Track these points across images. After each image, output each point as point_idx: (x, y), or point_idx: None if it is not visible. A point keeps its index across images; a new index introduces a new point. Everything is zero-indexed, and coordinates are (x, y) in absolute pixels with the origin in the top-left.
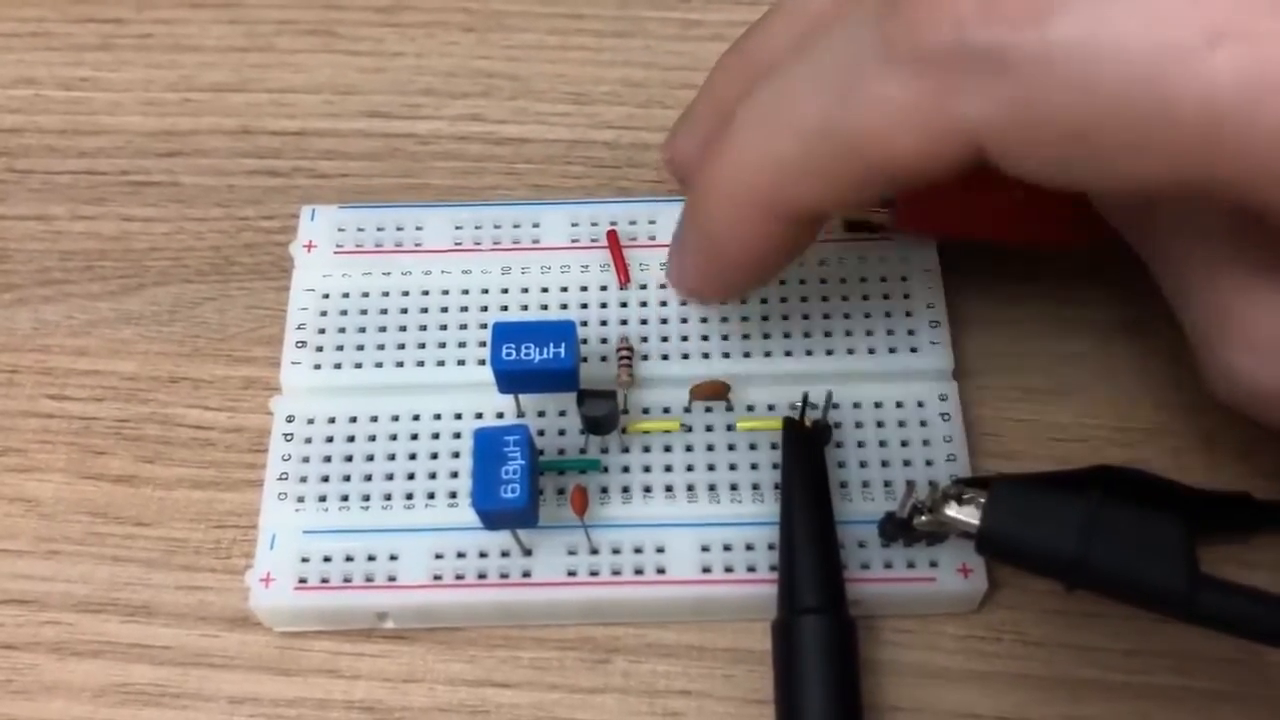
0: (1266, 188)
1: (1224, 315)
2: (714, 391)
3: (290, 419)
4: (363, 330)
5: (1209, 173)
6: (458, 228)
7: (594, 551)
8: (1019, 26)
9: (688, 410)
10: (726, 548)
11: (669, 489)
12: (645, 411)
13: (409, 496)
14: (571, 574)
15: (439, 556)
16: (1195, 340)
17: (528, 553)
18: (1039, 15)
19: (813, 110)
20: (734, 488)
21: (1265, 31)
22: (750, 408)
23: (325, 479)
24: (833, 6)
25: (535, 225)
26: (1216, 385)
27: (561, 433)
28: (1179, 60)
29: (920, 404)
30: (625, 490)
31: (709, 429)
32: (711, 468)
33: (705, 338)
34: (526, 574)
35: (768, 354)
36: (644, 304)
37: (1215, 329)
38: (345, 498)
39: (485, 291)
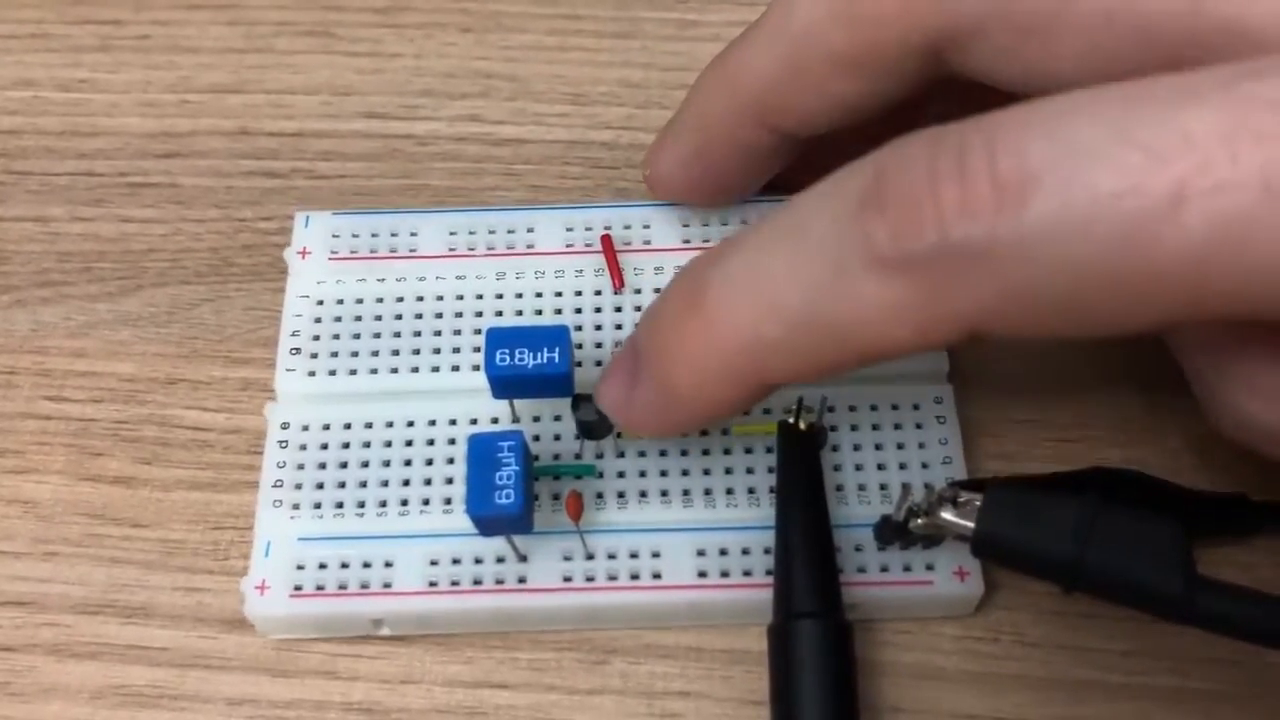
0: (1262, 310)
1: (1228, 363)
2: None
3: (285, 426)
4: (357, 336)
5: (1201, 311)
6: (452, 233)
7: (589, 557)
8: (997, 218)
9: None
10: (722, 552)
11: (664, 494)
12: None
13: (404, 503)
14: (567, 580)
15: (434, 563)
16: (1204, 386)
17: (523, 559)
18: (1013, 203)
19: (796, 299)
20: (730, 492)
21: (1225, 182)
22: (745, 412)
23: (320, 486)
24: (815, 29)
25: (530, 230)
26: (1228, 430)
27: (556, 438)
28: (1150, 226)
29: (916, 406)
30: (620, 495)
31: (704, 433)
32: (707, 472)
33: None
34: (522, 580)
35: None
36: (638, 308)
37: (1221, 376)
38: (340, 504)
39: (480, 297)
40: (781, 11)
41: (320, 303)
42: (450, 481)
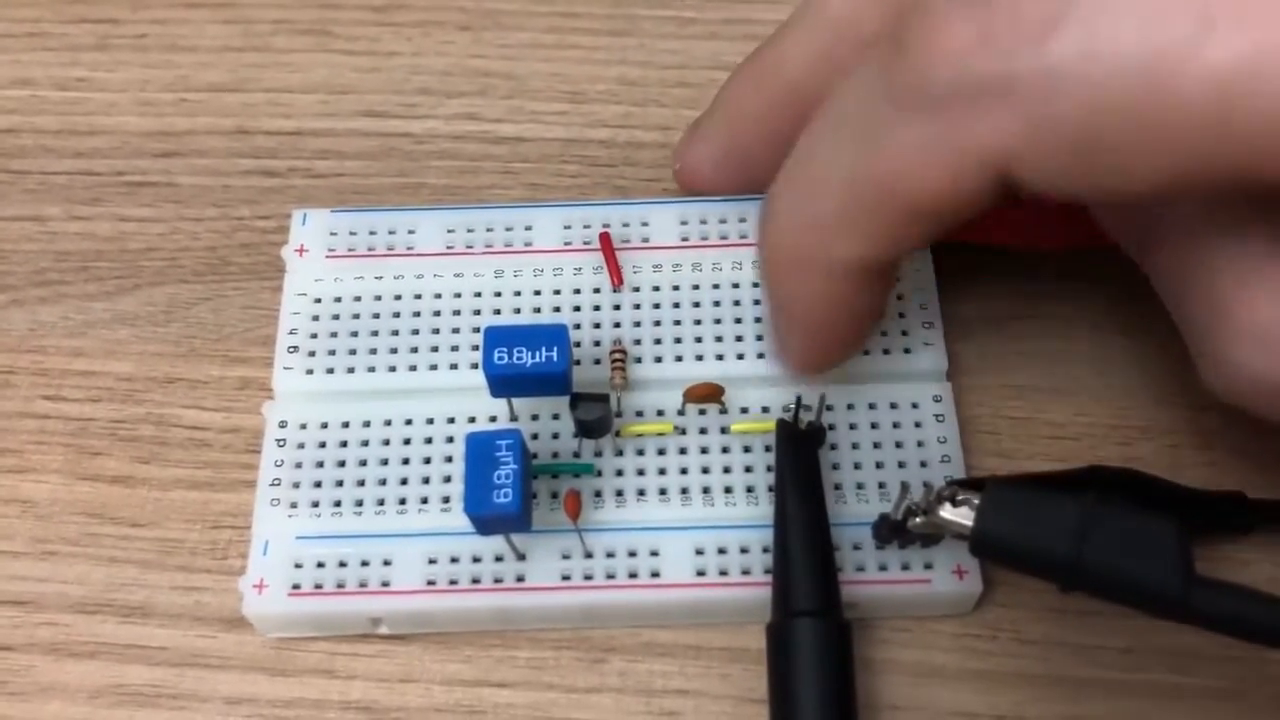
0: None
1: (1223, 309)
2: (708, 394)
3: (283, 424)
4: (355, 334)
5: (1222, 158)
6: (450, 231)
7: (588, 555)
8: (1018, 50)
9: (681, 413)
10: (721, 551)
11: (663, 492)
12: (639, 414)
13: (402, 501)
14: (566, 578)
15: (432, 562)
16: (1194, 338)
17: (521, 557)
18: (1036, 36)
19: (839, 165)
20: (728, 490)
21: (1254, 12)
22: (744, 410)
23: (318, 484)
24: (850, 13)
25: (528, 228)
26: (1216, 381)
27: (555, 436)
28: (1176, 55)
29: (914, 405)
30: (619, 494)
31: (703, 431)
32: (705, 470)
33: (698, 340)
34: (520, 579)
35: (761, 355)
36: (637, 306)
37: (1215, 323)
38: (338, 503)
39: (478, 295)
40: (816, 2)
41: (318, 301)
42: (448, 480)
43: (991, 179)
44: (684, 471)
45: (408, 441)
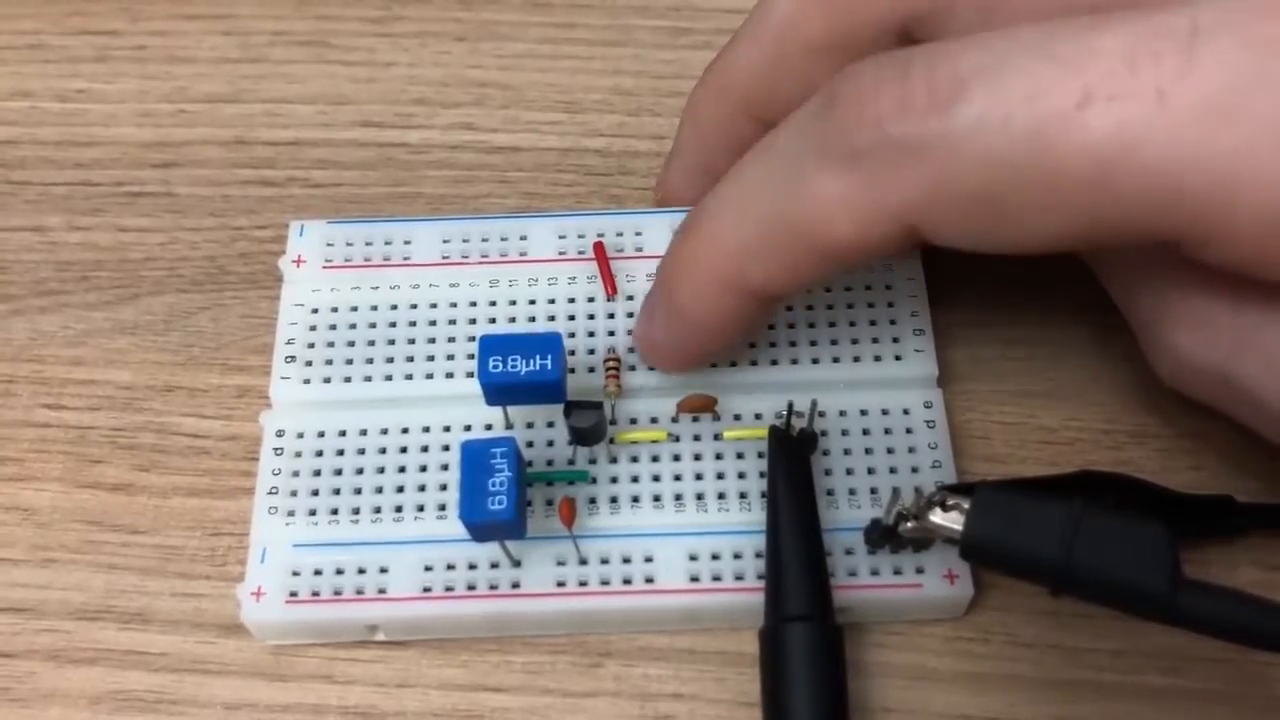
0: (1156, 220)
1: (1164, 303)
2: (701, 405)
3: (280, 433)
4: (351, 344)
5: (1105, 218)
6: (446, 241)
7: (583, 562)
8: (928, 117)
9: (675, 420)
10: (715, 557)
11: (657, 499)
12: (633, 422)
13: (398, 509)
14: (561, 585)
15: (428, 569)
16: (1143, 332)
17: (517, 564)
18: (943, 105)
19: (766, 201)
20: (721, 497)
21: (1126, 92)
22: (737, 417)
23: (315, 493)
24: (794, 17)
25: (523, 238)
26: (1163, 368)
27: (550, 444)
28: (1058, 125)
29: (905, 411)
30: (613, 500)
31: (696, 439)
32: (699, 477)
33: None
34: (516, 585)
35: (753, 363)
36: (631, 315)
37: (1160, 317)
38: (335, 511)
39: (474, 304)
40: (763, 10)
41: (315, 311)
42: (444, 488)
43: (899, 230)
44: (677, 478)
45: (404, 450)
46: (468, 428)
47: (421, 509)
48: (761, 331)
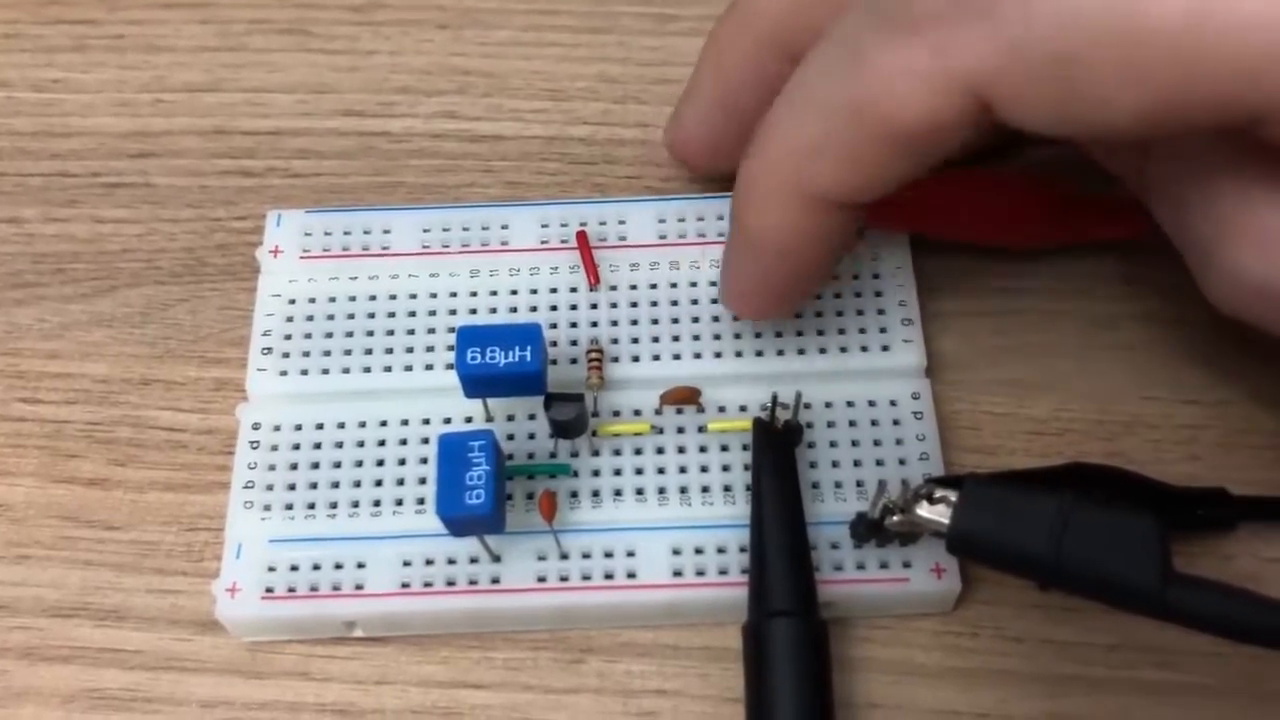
0: (1243, 93)
1: (1227, 219)
2: (684, 397)
3: (256, 426)
4: (330, 336)
5: (1195, 91)
6: (425, 231)
7: (564, 557)
8: None
9: (658, 412)
10: (698, 551)
11: (639, 492)
12: (615, 414)
13: (376, 504)
14: (541, 580)
15: (407, 564)
16: (1199, 253)
17: (496, 559)
18: None
19: (827, 90)
20: (705, 490)
21: None
22: (721, 409)
23: (292, 487)
24: None
25: (504, 227)
26: (1222, 292)
27: (531, 436)
28: None
29: (893, 402)
30: (595, 494)
31: (680, 431)
32: (682, 470)
33: (676, 339)
34: (496, 580)
35: (738, 354)
36: (614, 305)
37: (1219, 234)
38: (312, 506)
39: (454, 295)
40: None
41: (292, 302)
42: (423, 482)
43: (971, 105)
44: (661, 471)
45: (382, 443)
46: (447, 420)
47: (400, 503)
48: (746, 321)
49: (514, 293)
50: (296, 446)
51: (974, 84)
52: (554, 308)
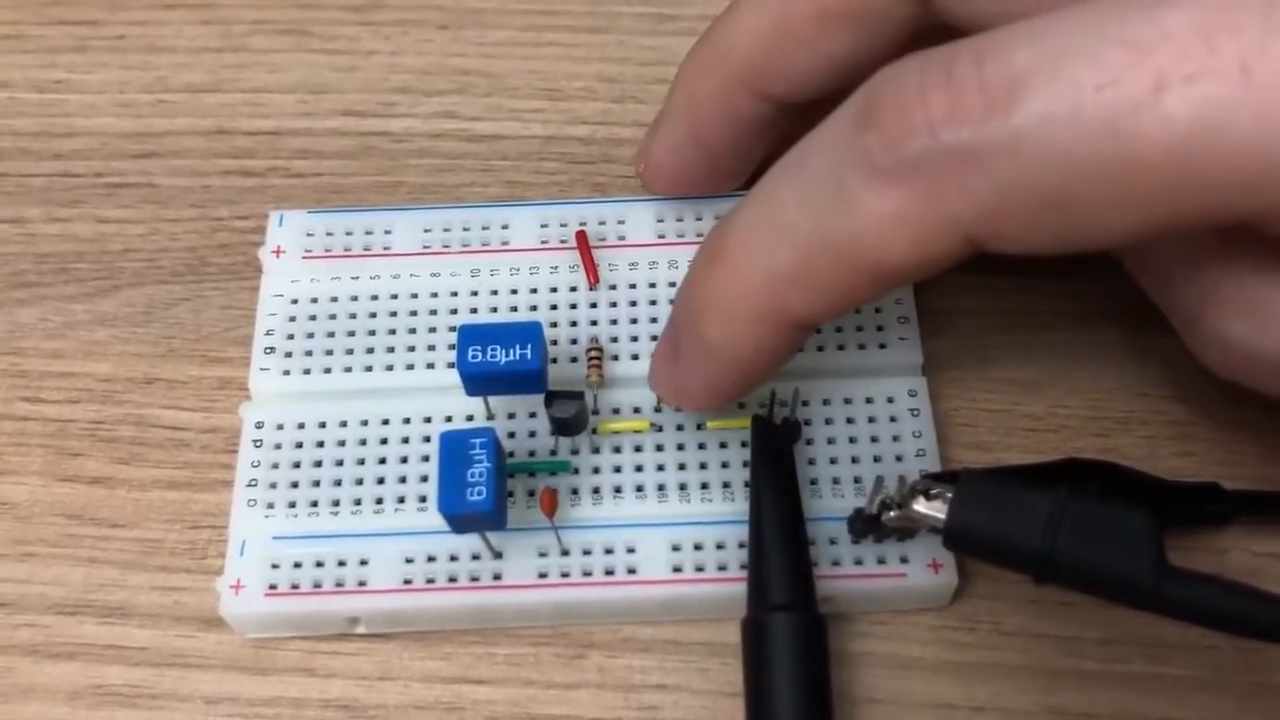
0: (1240, 202)
1: (1210, 287)
2: None
3: (259, 425)
4: (332, 335)
5: (1188, 206)
6: (426, 230)
7: (565, 553)
8: (985, 120)
9: (658, 410)
10: (697, 547)
11: (639, 489)
12: (615, 412)
13: (378, 501)
14: (542, 576)
15: (409, 560)
16: (1184, 320)
17: (498, 555)
18: (1001, 105)
19: (805, 224)
20: (704, 486)
21: (1205, 71)
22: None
23: (295, 485)
24: None
25: (504, 227)
26: (1211, 359)
27: (532, 434)
28: (1133, 114)
29: (890, 400)
30: (595, 491)
31: (679, 428)
32: (682, 467)
33: None
34: (497, 577)
35: None
36: (613, 304)
37: (1204, 304)
38: (315, 503)
39: (455, 294)
40: None
41: (294, 301)
42: (425, 479)
43: (960, 243)
44: (660, 468)
45: (384, 441)
46: (449, 418)
47: (402, 500)
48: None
49: (514, 292)
50: (299, 445)
51: (966, 227)
52: (554, 306)
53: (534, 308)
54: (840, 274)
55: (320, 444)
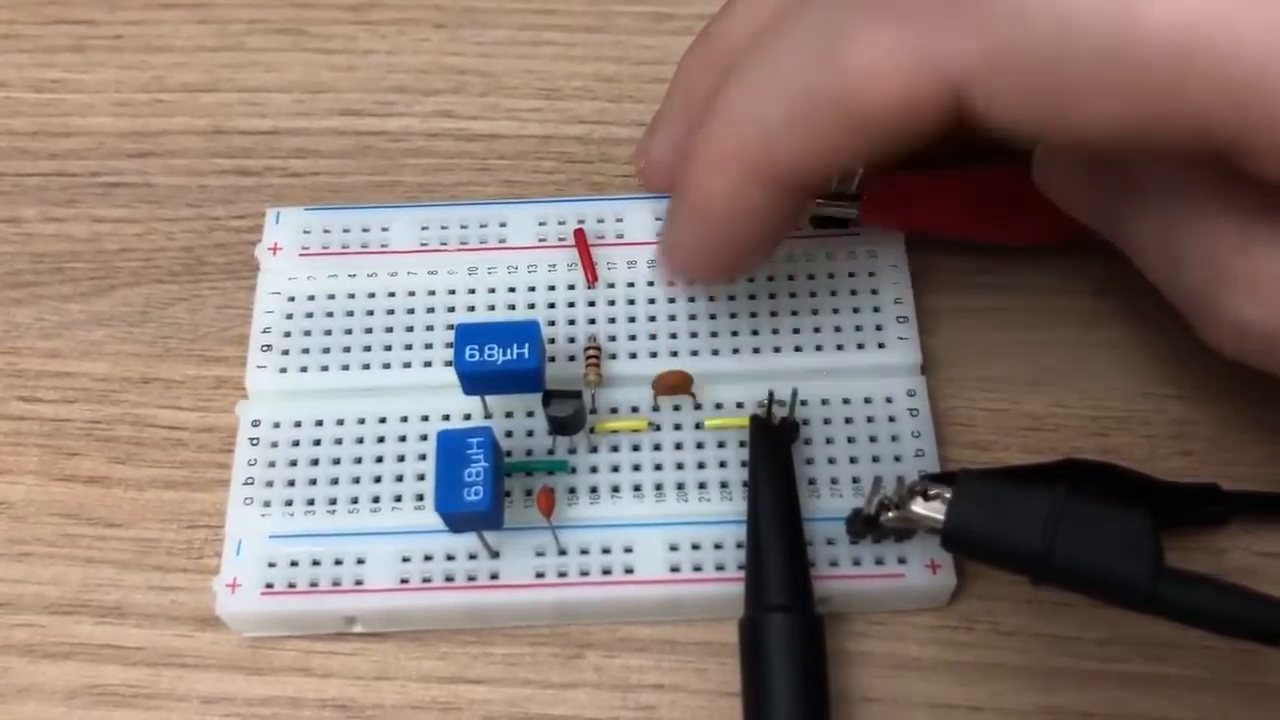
0: (1224, 118)
1: (1224, 269)
2: (676, 382)
3: (256, 423)
4: (329, 333)
5: (1175, 112)
6: (424, 228)
7: (562, 553)
8: None
9: (656, 409)
10: (695, 547)
11: (637, 488)
12: (613, 411)
13: (375, 500)
14: (540, 576)
15: (406, 560)
16: (1198, 305)
17: (495, 555)
18: None
19: (797, 68)
20: (702, 486)
21: None
22: (718, 406)
23: (291, 483)
24: None
25: (502, 225)
26: (1226, 342)
27: (529, 433)
28: (1142, 3)
29: (888, 400)
30: (593, 490)
31: (677, 427)
32: (680, 466)
33: (673, 336)
34: (494, 576)
35: (735, 351)
36: (612, 303)
37: (1220, 286)
38: (311, 502)
39: (452, 292)
40: None
41: (291, 299)
42: (421, 478)
43: (947, 98)
44: (658, 468)
45: (381, 440)
46: (446, 417)
47: (399, 499)
48: (743, 319)
49: (512, 290)
50: (296, 443)
51: (956, 75)
52: (552, 305)
53: (532, 306)
54: (828, 117)
55: (317, 443)
